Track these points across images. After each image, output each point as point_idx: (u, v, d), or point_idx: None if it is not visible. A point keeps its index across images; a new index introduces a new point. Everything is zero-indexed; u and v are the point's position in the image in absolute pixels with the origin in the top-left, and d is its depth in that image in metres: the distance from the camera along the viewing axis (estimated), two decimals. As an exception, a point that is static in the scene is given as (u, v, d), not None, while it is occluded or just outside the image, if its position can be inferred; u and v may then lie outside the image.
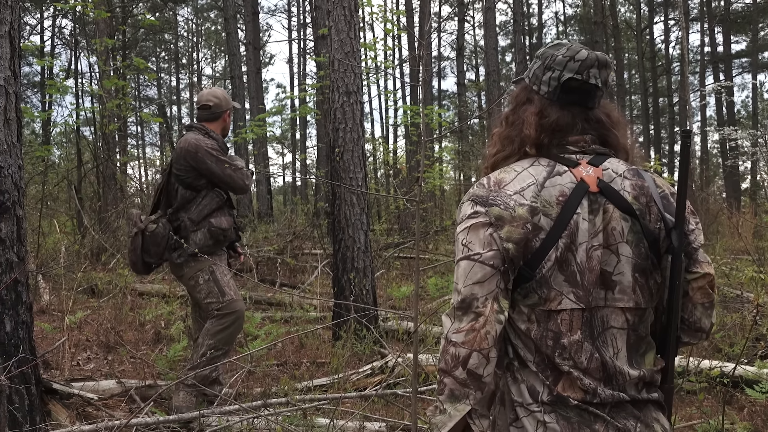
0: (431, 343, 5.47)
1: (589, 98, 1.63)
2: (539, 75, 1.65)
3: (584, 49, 1.62)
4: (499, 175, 1.59)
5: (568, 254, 1.51)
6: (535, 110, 1.64)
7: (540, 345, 1.53)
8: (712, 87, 18.07)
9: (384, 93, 30.48)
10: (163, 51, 36.60)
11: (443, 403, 1.52)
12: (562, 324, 1.52)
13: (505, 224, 1.50)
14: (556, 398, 1.51)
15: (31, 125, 19.38)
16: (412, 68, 22.36)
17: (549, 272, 1.51)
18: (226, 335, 4.10)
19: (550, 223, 1.51)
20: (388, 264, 10.34)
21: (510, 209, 1.51)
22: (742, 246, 10.39)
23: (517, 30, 21.49)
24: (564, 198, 1.52)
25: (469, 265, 1.51)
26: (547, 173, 1.56)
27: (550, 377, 1.53)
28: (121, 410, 4.13)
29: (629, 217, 1.55)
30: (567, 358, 1.52)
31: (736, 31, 30.53)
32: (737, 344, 5.09)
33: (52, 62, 15.68)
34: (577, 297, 1.51)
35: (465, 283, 1.50)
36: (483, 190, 1.57)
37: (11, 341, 3.42)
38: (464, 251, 1.53)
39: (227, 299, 4.12)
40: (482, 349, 1.48)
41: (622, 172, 1.59)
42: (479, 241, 1.51)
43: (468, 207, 1.56)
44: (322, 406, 3.89)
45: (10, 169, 3.45)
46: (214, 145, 4.24)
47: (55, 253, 8.88)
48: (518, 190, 1.53)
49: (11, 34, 3.48)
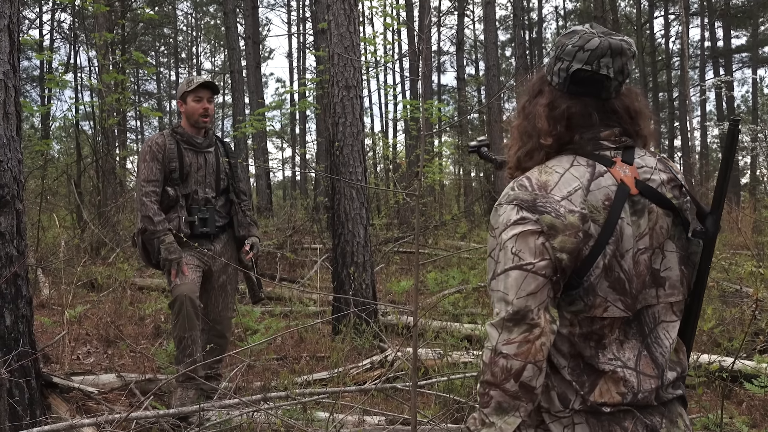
0: (430, 337, 5.48)
1: (602, 89, 1.57)
2: (551, 65, 1.61)
3: (597, 37, 1.54)
4: (541, 176, 1.52)
5: (614, 261, 1.47)
6: (545, 102, 1.60)
7: (582, 348, 1.50)
8: (712, 82, 18.01)
9: (384, 87, 30.47)
10: (162, 45, 36.56)
11: (489, 416, 1.45)
12: (606, 327, 1.50)
13: (558, 234, 1.45)
14: (589, 408, 1.49)
15: (30, 119, 19.37)
16: (412, 63, 22.34)
17: (596, 280, 1.47)
18: (179, 323, 4.01)
19: (598, 229, 1.46)
20: (387, 258, 10.35)
21: (561, 217, 1.45)
22: (742, 241, 10.39)
23: (516, 24, 21.46)
24: (609, 203, 1.48)
25: (522, 276, 1.44)
26: (590, 175, 1.51)
27: (587, 383, 1.50)
28: (121, 404, 4.13)
29: (671, 212, 1.55)
30: (613, 358, 1.50)
31: (737, 26, 30.49)
32: (736, 339, 5.10)
33: (51, 56, 15.66)
34: (625, 305, 1.49)
35: (518, 294, 1.43)
36: (527, 193, 1.49)
37: (11, 335, 3.42)
38: (515, 260, 1.45)
39: (171, 287, 4.07)
40: (537, 360, 1.42)
41: (654, 166, 1.58)
42: (530, 250, 1.44)
43: (513, 212, 1.48)
44: (322, 399, 3.89)
45: (9, 163, 3.44)
46: (154, 147, 4.18)
47: (54, 248, 8.89)
48: (566, 195, 1.47)
49: (10, 28, 3.47)
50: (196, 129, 4.32)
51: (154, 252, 4.17)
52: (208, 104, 4.31)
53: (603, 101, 1.59)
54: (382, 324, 6.21)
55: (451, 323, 5.97)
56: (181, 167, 4.22)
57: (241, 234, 4.42)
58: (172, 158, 4.21)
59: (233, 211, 4.43)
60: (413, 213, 13.77)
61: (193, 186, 4.26)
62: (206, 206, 4.29)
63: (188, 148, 4.27)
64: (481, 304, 7.18)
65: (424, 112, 11.67)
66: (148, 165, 4.15)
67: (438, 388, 4.16)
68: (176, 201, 4.20)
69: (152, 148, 4.18)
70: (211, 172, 4.34)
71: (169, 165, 4.19)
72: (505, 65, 32.97)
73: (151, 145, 4.20)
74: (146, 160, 4.16)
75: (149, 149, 4.18)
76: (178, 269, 4.05)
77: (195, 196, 4.26)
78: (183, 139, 4.27)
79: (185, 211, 4.22)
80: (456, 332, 5.63)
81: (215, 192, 4.35)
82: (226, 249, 4.39)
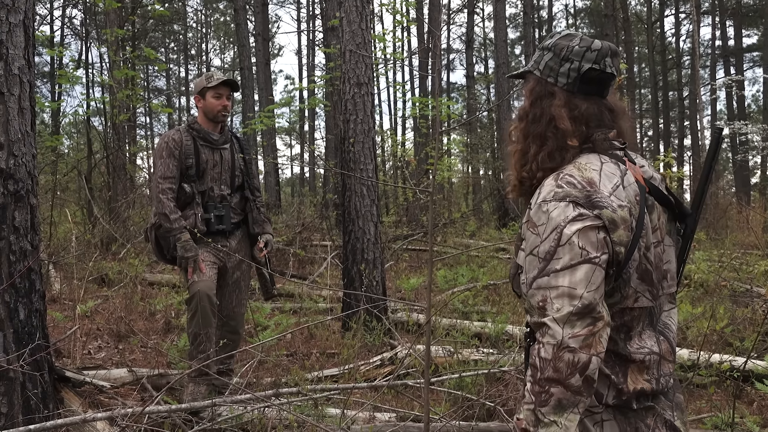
0: (441, 334, 5.48)
1: (605, 88, 1.65)
2: (554, 67, 1.63)
3: (596, 39, 1.64)
4: (584, 173, 1.54)
5: (644, 254, 1.55)
6: (562, 103, 1.63)
7: (616, 340, 1.55)
8: (722, 81, 17.94)
9: (393, 85, 30.46)
10: (172, 42, 36.67)
11: (546, 415, 1.43)
12: (635, 319, 1.58)
13: (617, 227, 1.48)
14: (623, 402, 1.54)
15: (41, 115, 19.46)
16: (422, 60, 22.32)
17: (632, 272, 1.53)
18: (195, 319, 4.02)
19: (634, 224, 1.52)
20: (396, 256, 10.36)
21: (616, 211, 1.49)
22: (752, 240, 10.36)
23: (527, 22, 21.42)
24: (638, 198, 1.55)
25: (591, 269, 1.45)
26: (621, 172, 1.57)
27: (620, 374, 1.55)
28: (133, 398, 4.15)
29: (666, 209, 1.65)
30: (639, 347, 1.56)
31: (748, 25, 30.34)
32: (748, 338, 5.08)
33: (62, 52, 15.69)
34: (652, 295, 1.58)
35: (588, 288, 1.44)
36: (577, 190, 1.51)
37: (25, 329, 3.44)
38: (583, 254, 1.45)
39: (189, 284, 4.07)
40: (599, 353, 1.43)
41: (647, 165, 1.68)
42: (592, 244, 1.46)
43: (569, 209, 1.49)
44: (333, 396, 3.89)
45: (24, 158, 3.46)
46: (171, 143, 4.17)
47: (65, 243, 8.92)
48: (611, 191, 1.52)
49: (26, 23, 3.49)
50: (214, 124, 4.31)
51: (168, 247, 4.17)
52: (227, 101, 4.32)
53: (603, 100, 1.66)
54: (392, 321, 6.22)
55: (461, 321, 5.98)
56: (198, 164, 4.22)
57: (256, 231, 4.42)
58: (189, 155, 4.20)
59: (248, 208, 4.43)
60: (422, 211, 13.76)
61: (209, 183, 4.26)
62: (222, 203, 4.29)
63: (204, 144, 4.26)
64: (490, 302, 7.17)
65: (436, 108, 11.62)
66: (165, 161, 4.14)
67: (449, 386, 4.16)
68: (192, 198, 4.19)
69: (169, 144, 4.17)
70: (226, 168, 4.34)
71: (185, 161, 4.18)
72: (515, 63, 32.86)
73: (168, 141, 4.19)
74: (163, 157, 4.15)
75: (166, 145, 4.17)
76: (195, 266, 4.05)
77: (211, 193, 4.26)
78: (199, 135, 4.26)
79: (201, 208, 4.22)
80: (466, 330, 5.63)
81: (230, 189, 4.35)
82: (240, 246, 4.39)
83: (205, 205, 4.24)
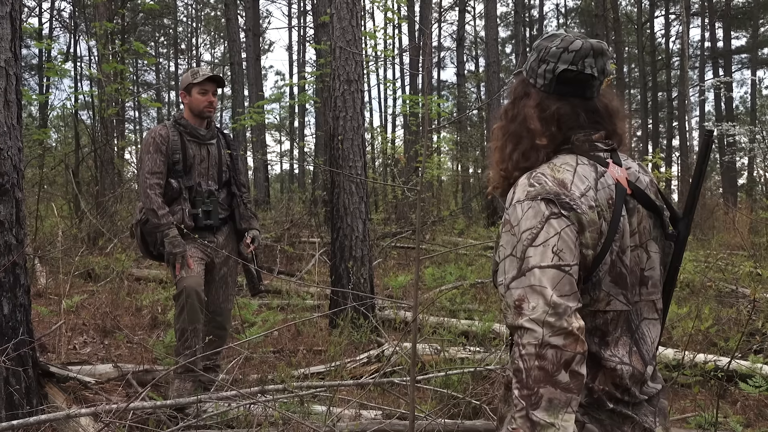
0: (428, 332, 5.49)
1: (587, 89, 1.63)
2: (535, 68, 1.65)
3: (578, 39, 1.60)
4: (555, 174, 1.54)
5: (618, 257, 1.53)
6: (534, 104, 1.64)
7: (589, 342, 1.53)
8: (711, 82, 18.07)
9: (383, 82, 30.45)
10: (162, 36, 36.47)
11: (542, 417, 1.39)
12: (610, 323, 1.55)
13: (585, 230, 1.49)
14: (595, 400, 1.54)
15: (28, 108, 19.30)
16: (413, 57, 22.31)
17: (603, 275, 1.52)
18: (183, 315, 4.00)
19: (606, 227, 1.51)
20: (385, 253, 10.36)
21: (585, 214, 1.49)
22: (738, 241, 10.42)
23: (517, 21, 21.49)
24: (612, 201, 1.54)
25: (559, 276, 1.43)
26: (595, 174, 1.56)
27: (589, 374, 1.52)
28: (118, 394, 4.13)
29: (653, 214, 1.62)
30: (612, 354, 1.55)
31: (737, 27, 30.56)
32: (732, 339, 5.11)
33: (51, 45, 15.56)
34: (626, 299, 1.56)
35: (559, 292, 1.42)
36: (548, 189, 1.50)
37: (9, 324, 3.42)
38: (554, 260, 1.44)
39: (177, 280, 4.05)
40: (582, 351, 1.41)
41: (637, 169, 1.65)
42: (569, 249, 1.45)
43: (543, 206, 1.48)
44: (319, 393, 3.89)
45: (9, 151, 3.43)
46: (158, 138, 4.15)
47: (52, 237, 8.87)
48: (583, 192, 1.51)
49: (12, 15, 3.46)
50: (200, 119, 4.30)
51: (154, 243, 4.16)
52: (213, 97, 4.31)
53: (587, 101, 1.64)
54: (380, 318, 6.21)
55: (448, 319, 5.98)
56: (185, 159, 4.20)
57: (243, 227, 4.41)
58: (176, 150, 4.18)
59: (234, 203, 4.42)
60: (411, 208, 13.76)
61: (197, 178, 4.25)
62: (209, 198, 4.27)
63: (191, 140, 4.25)
64: (478, 300, 7.18)
65: (426, 107, 11.63)
66: (152, 156, 4.12)
67: (435, 384, 4.16)
68: (179, 193, 4.18)
69: (156, 139, 4.15)
70: (213, 164, 4.33)
71: (172, 157, 4.17)
72: (506, 62, 32.92)
73: (155, 137, 4.17)
74: (150, 152, 4.13)
75: (153, 141, 4.15)
76: (183, 262, 4.04)
77: (198, 188, 4.24)
78: (186, 130, 4.24)
79: (188, 203, 4.20)
80: (453, 328, 5.63)
81: (218, 184, 4.34)
82: (227, 241, 4.38)
83: (193, 200, 4.23)
